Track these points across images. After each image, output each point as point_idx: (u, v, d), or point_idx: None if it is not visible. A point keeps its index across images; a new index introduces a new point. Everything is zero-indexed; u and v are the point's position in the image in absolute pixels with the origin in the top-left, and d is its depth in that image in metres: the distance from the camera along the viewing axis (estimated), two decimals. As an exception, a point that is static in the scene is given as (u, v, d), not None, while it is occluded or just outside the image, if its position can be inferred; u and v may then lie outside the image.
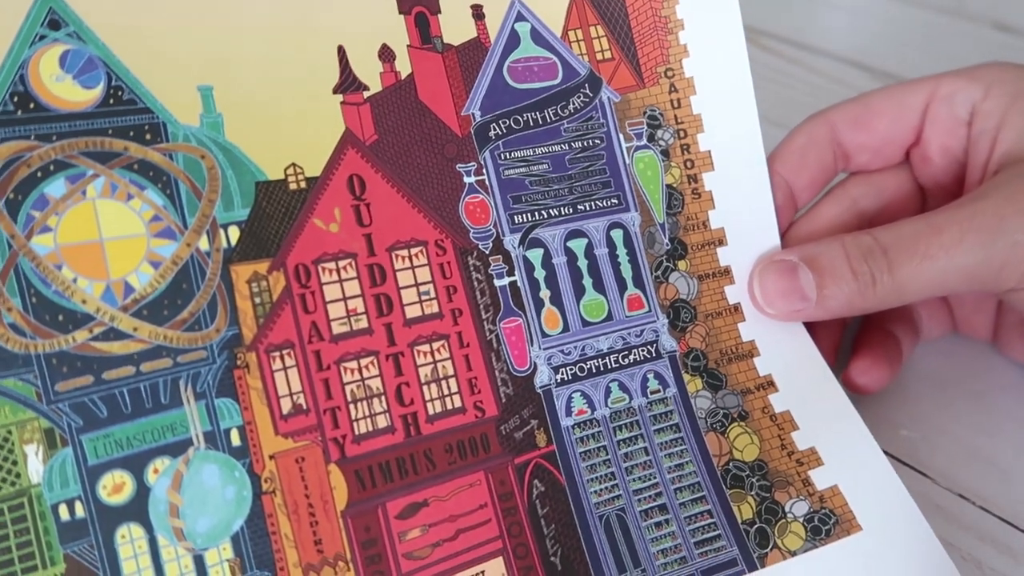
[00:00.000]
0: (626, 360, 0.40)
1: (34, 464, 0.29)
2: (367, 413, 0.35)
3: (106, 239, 0.31)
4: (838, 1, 0.80)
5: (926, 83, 0.44)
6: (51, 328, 0.30)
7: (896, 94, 0.44)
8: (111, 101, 0.32)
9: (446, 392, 0.36)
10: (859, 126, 0.44)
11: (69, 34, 0.31)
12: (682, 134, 0.42)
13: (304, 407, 0.34)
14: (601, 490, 0.38)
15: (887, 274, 0.38)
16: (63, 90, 0.31)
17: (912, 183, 0.47)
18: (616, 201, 0.41)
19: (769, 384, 0.42)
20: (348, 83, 0.37)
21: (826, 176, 0.45)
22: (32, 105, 0.30)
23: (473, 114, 0.39)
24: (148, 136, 0.32)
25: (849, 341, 0.49)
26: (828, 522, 0.39)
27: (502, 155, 0.39)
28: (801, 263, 0.40)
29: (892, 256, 0.38)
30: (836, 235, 0.41)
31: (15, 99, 0.30)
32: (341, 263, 0.35)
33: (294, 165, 0.35)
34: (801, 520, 0.39)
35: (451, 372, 0.37)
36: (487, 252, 0.38)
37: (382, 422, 0.35)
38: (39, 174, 0.30)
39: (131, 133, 0.32)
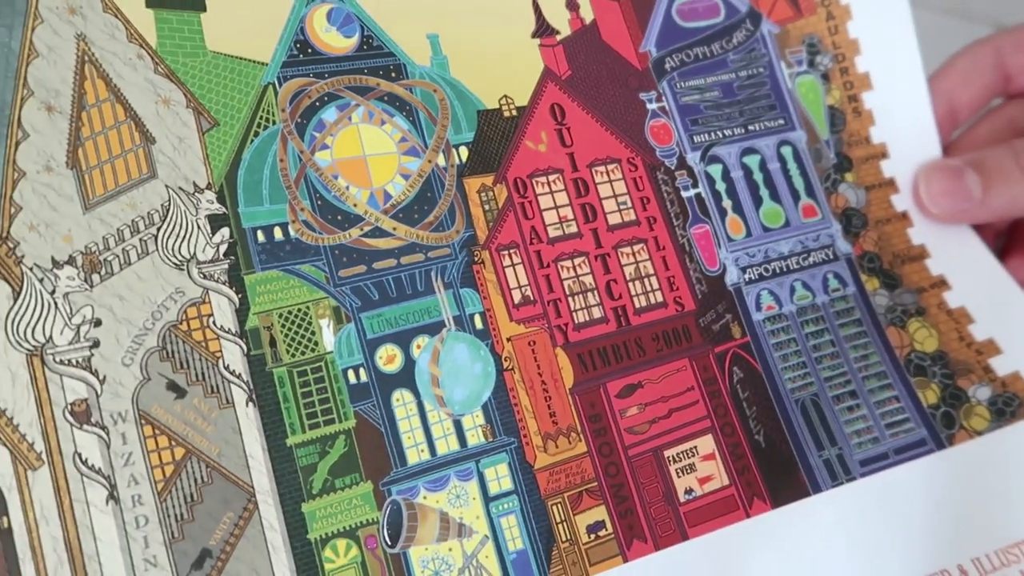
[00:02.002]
0: (806, 262, 0.44)
1: (327, 335, 0.35)
2: (583, 305, 0.40)
3: (368, 155, 0.38)
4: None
5: None
6: (333, 226, 0.36)
7: (1064, 17, 0.47)
8: (365, 47, 0.39)
9: (649, 288, 0.41)
10: (1024, 48, 0.47)
11: (331, -8, 0.38)
12: (840, 58, 0.46)
13: (531, 298, 0.39)
14: (794, 377, 0.41)
15: (1059, 168, 0.41)
16: (330, 39, 0.38)
17: (1072, 106, 0.49)
18: (782, 122, 0.46)
19: (942, 283, 0.45)
20: (543, 29, 0.43)
21: (987, 95, 0.48)
22: (310, 51, 0.38)
23: (649, 50, 0.44)
24: (393, 74, 0.39)
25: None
26: (1012, 404, 0.42)
27: (678, 84, 0.44)
28: (967, 166, 0.44)
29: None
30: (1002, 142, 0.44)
31: (298, 46, 0.37)
32: (551, 177, 0.41)
33: (506, 96, 0.41)
34: (985, 403, 0.42)
35: (651, 271, 0.41)
36: (673, 168, 0.43)
37: (596, 313, 0.40)
38: (317, 103, 0.37)
39: (381, 72, 0.39)
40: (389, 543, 0.34)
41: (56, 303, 0.31)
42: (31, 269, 0.31)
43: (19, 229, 0.31)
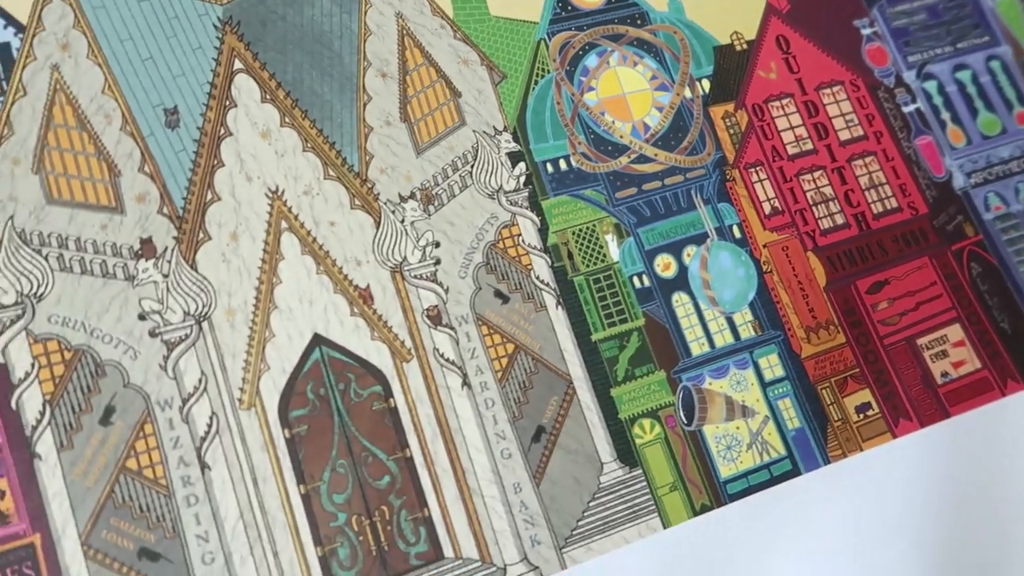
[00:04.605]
0: (1030, 162, 0.48)
1: (612, 248, 0.42)
2: (826, 213, 0.46)
3: (627, 93, 0.45)
4: None
5: None
6: (605, 155, 0.44)
7: None
8: (613, 0, 0.46)
9: (883, 196, 0.46)
10: None
11: (579, -42, 0.46)
12: (1041, -29, 0.51)
13: (779, 209, 0.45)
14: (1033, 268, 0.46)
15: None
16: (583, -5, 0.46)
17: None
18: (988, 39, 0.50)
19: None
20: (758, -28, 0.49)
21: None
22: (570, 7, 0.45)
23: (857, -18, 0.50)
24: (639, 21, 0.46)
25: None
26: None
27: (887, 11, 0.50)
28: None
29: None
30: None
31: (560, 4, 0.45)
32: (783, 101, 0.47)
33: (736, 32, 0.47)
34: None
35: (884, 180, 0.47)
36: (891, 86, 0.48)
37: (839, 219, 0.46)
38: (580, 52, 0.45)
39: (628, 20, 0.46)
40: (685, 422, 0.41)
41: (406, 230, 0.40)
42: (385, 204, 0.40)
43: (373, 172, 0.40)
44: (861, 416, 0.43)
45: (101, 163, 0.36)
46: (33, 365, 0.34)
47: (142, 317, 0.35)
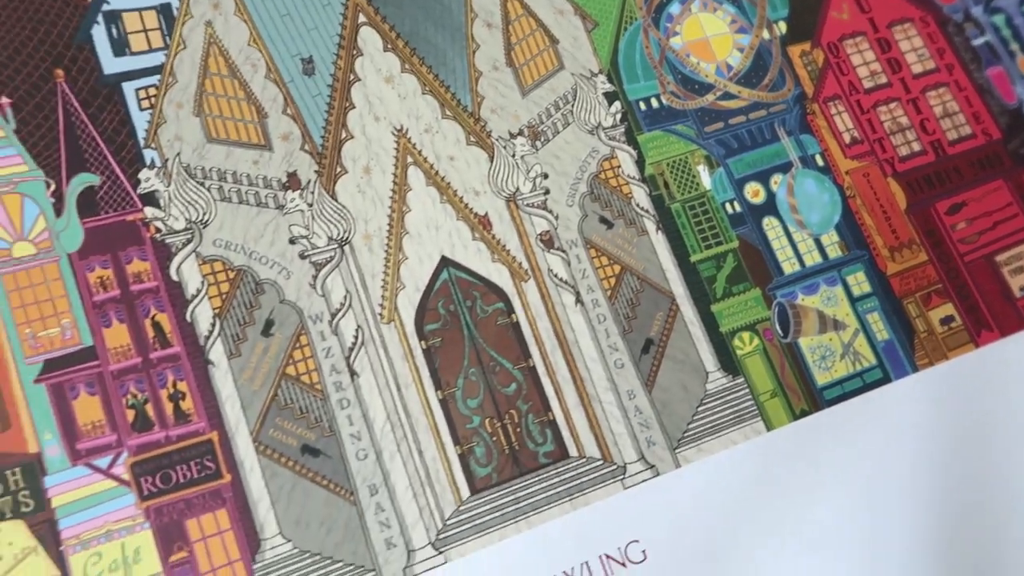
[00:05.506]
0: (1098, 87, 0.50)
1: (705, 177, 0.46)
2: (904, 141, 0.49)
3: (709, 36, 0.48)
4: None
5: None
6: (693, 93, 0.47)
7: None
8: (690, -48, 0.50)
9: (958, 124, 0.49)
10: None
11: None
12: (1100, -94, 0.53)
13: (859, 138, 0.48)
14: (1106, 186, 0.48)
15: None
16: (665, -52, 0.49)
17: None
18: (1053, -28, 0.53)
19: None
20: (826, -79, 0.52)
21: None
22: (652, -42, 0.49)
23: (921, -74, 0.53)
24: (716, -30, 0.50)
25: None
26: None
27: (952, -49, 0.53)
28: None
29: None
30: None
31: (643, -45, 0.49)
32: (856, 39, 0.50)
33: (808, -22, 0.51)
34: None
35: (957, 109, 0.50)
36: (960, 21, 0.51)
37: (916, 147, 0.49)
38: (664, 1, 0.48)
39: (706, -30, 0.50)
40: (782, 334, 0.44)
41: (517, 163, 0.44)
42: (497, 140, 0.44)
43: (485, 112, 0.44)
44: (945, 328, 0.46)
45: (251, 106, 0.41)
46: (203, 283, 0.38)
47: (292, 241, 0.40)
